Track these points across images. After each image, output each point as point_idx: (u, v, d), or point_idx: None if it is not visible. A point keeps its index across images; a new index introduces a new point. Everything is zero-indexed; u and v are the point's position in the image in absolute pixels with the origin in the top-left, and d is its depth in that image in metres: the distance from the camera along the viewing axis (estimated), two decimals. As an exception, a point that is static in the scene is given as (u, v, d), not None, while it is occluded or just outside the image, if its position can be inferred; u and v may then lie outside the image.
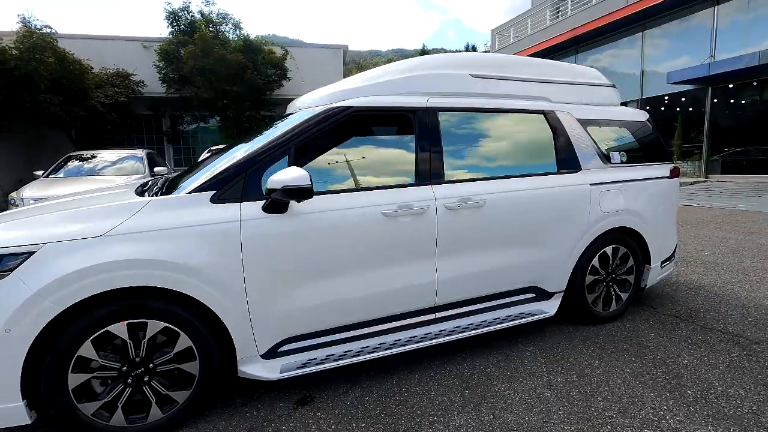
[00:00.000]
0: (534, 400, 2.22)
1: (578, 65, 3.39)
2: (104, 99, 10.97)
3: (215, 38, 11.43)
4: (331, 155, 2.39)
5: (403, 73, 2.63)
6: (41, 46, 9.52)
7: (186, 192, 2.04)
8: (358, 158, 2.45)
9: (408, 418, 2.09)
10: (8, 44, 9.40)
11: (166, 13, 12.02)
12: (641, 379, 2.39)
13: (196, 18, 12.03)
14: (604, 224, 2.96)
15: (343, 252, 2.22)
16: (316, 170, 2.25)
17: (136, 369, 1.91)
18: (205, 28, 11.56)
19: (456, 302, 2.60)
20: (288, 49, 12.70)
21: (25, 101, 9.53)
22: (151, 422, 1.96)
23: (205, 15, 12.18)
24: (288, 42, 14.67)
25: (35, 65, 9.45)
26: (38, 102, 9.59)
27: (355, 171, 2.40)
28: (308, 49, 14.74)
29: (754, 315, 3.21)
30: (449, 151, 2.59)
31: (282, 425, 2.06)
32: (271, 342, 2.16)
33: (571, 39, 16.29)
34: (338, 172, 2.38)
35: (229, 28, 12.20)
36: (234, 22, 12.31)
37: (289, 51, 12.64)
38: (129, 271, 1.80)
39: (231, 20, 12.27)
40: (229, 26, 12.18)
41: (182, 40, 11.61)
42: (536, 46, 18.01)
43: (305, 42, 61.56)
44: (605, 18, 14.58)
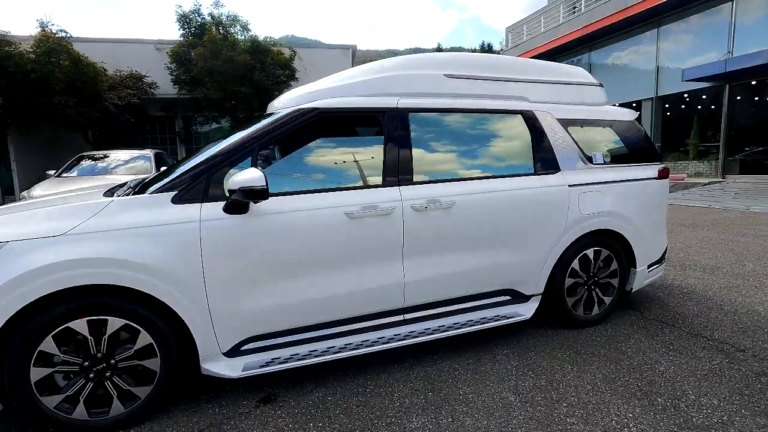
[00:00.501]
0: (497, 404, 2.19)
1: (563, 64, 3.33)
2: (117, 100, 11.27)
3: (224, 40, 11.62)
4: (297, 156, 2.41)
5: (374, 73, 2.63)
6: (56, 49, 9.84)
7: (148, 193, 2.08)
8: (324, 159, 2.47)
9: (366, 419, 2.09)
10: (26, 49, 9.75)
11: (177, 16, 12.28)
12: (612, 386, 2.33)
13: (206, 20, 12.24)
14: (583, 226, 2.90)
15: (306, 253, 2.23)
16: (281, 171, 2.27)
17: (98, 364, 1.96)
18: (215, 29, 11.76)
19: (426, 304, 2.58)
20: (296, 49, 12.82)
21: (41, 103, 9.87)
22: (113, 416, 2.01)
23: (215, 17, 12.38)
24: (309, 43, 14.82)
25: (51, 68, 9.78)
26: (53, 104, 9.93)
27: (320, 172, 2.41)
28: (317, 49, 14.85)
29: (745, 321, 3.09)
30: (420, 152, 2.58)
31: (241, 422, 2.08)
32: (233, 341, 2.19)
33: (585, 36, 15.96)
34: (303, 173, 2.40)
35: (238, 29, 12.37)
36: (242, 23, 12.49)
37: (297, 51, 12.75)
38: (87, 270, 1.85)
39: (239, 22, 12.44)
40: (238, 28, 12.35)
41: (192, 42, 11.84)
42: (549, 44, 17.72)
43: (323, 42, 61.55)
44: (619, 14, 14.24)
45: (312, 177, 2.40)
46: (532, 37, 20.27)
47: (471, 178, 2.65)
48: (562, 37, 16.96)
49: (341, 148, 2.56)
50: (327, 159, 2.47)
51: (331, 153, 2.50)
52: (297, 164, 2.41)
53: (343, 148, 2.56)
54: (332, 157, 2.49)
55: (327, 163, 2.46)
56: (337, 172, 2.46)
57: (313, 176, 2.40)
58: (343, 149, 2.55)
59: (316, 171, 2.42)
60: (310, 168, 2.42)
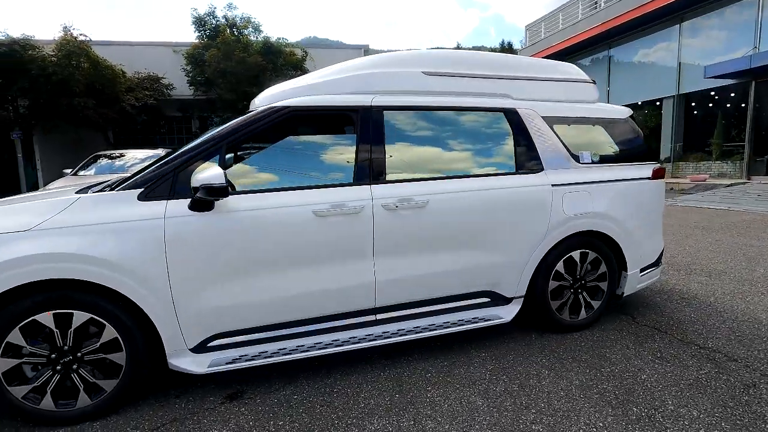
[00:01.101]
0: (463, 408, 2.14)
1: (553, 60, 3.23)
2: (134, 101, 11.60)
3: (237, 41, 11.82)
4: (268, 154, 2.41)
5: (350, 71, 2.61)
6: (76, 52, 10.20)
7: (116, 190, 2.12)
8: (296, 157, 2.46)
9: (327, 419, 2.08)
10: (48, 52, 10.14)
11: (193, 19, 12.55)
12: (587, 393, 2.25)
13: (221, 22, 12.48)
14: (568, 228, 2.80)
15: (272, 250, 2.23)
16: (251, 169, 2.28)
17: (65, 357, 2.00)
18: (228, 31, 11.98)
19: (399, 304, 2.55)
20: (308, 50, 12.93)
21: (62, 105, 10.25)
22: (80, 408, 2.05)
23: (229, 19, 12.61)
24: (330, 43, 14.96)
25: (71, 71, 10.15)
26: (74, 105, 10.30)
27: (291, 170, 2.41)
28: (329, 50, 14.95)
29: (744, 329, 2.94)
30: (395, 150, 2.55)
31: (204, 418, 2.10)
32: (199, 337, 2.20)
33: (603, 33, 15.53)
34: (274, 171, 2.40)
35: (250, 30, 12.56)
36: (254, 25, 12.67)
37: (309, 52, 12.86)
38: (52, 264, 1.89)
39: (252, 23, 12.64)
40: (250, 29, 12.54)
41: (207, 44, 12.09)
42: (566, 41, 17.32)
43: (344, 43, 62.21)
44: (639, 9, 13.79)
45: (282, 175, 2.40)
46: (551, 34, 19.86)
47: (447, 177, 2.60)
48: (580, 34, 16.55)
49: (314, 146, 2.55)
50: (298, 157, 2.47)
51: (304, 151, 2.49)
52: (268, 162, 2.42)
53: (315, 146, 2.55)
54: (304, 155, 2.48)
55: (298, 161, 2.46)
56: (308, 170, 2.45)
57: (284, 174, 2.40)
58: (316, 147, 2.55)
59: (286, 169, 2.42)
60: (281, 166, 2.42)
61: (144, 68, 13.00)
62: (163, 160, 2.23)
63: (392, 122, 2.56)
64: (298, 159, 2.47)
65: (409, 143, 2.63)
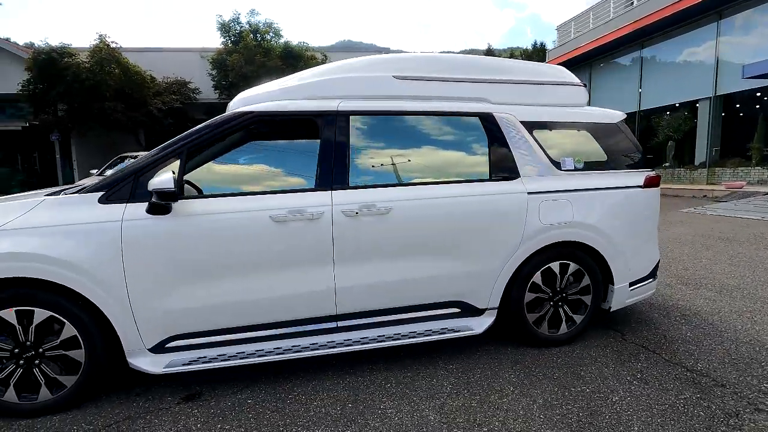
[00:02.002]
0: (413, 422, 2.08)
1: (539, 63, 3.11)
2: (161, 105, 12.11)
3: (258, 46, 12.12)
4: (230, 159, 2.44)
5: (319, 76, 2.61)
6: (107, 59, 10.77)
7: (83, 193, 2.20)
8: (258, 162, 2.48)
9: (274, 425, 2.07)
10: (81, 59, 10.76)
11: (218, 25, 12.98)
12: (548, 413, 2.13)
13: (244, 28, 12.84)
14: (545, 237, 2.68)
15: (229, 255, 2.25)
16: (211, 173, 2.31)
17: (27, 352, 2.09)
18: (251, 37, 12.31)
19: (361, 312, 2.51)
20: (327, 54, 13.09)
21: (94, 108, 10.83)
22: (41, 402, 2.13)
23: (252, 25, 12.96)
24: (364, 47, 15.10)
25: (103, 77, 10.71)
26: (104, 109, 10.86)
27: (253, 175, 2.43)
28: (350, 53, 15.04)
29: (742, 352, 2.70)
30: (361, 156, 2.52)
31: (155, 418, 2.14)
32: (158, 337, 2.25)
33: (636, 31, 14.83)
34: (234, 176, 2.43)
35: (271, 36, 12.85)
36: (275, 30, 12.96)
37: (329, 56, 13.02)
38: (12, 263, 1.99)
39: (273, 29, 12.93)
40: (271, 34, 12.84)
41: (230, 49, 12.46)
42: (596, 41, 16.67)
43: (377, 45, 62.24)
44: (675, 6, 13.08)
45: (244, 180, 2.42)
46: (580, 34, 19.21)
47: (413, 184, 2.55)
48: (611, 33, 15.89)
49: (278, 150, 2.56)
50: (261, 162, 2.48)
51: (267, 156, 2.51)
52: (231, 167, 2.44)
53: (280, 151, 2.56)
54: (267, 160, 2.49)
55: (261, 166, 2.47)
56: (270, 176, 2.46)
57: (245, 179, 2.42)
58: (280, 152, 2.55)
59: (248, 174, 2.43)
60: (244, 171, 2.44)
61: (173, 73, 13.56)
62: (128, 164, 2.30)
63: (359, 127, 2.54)
64: (261, 164, 2.48)
65: (376, 149, 2.59)
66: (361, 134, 2.54)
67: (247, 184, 2.40)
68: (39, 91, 11.48)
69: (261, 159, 2.50)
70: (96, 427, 2.07)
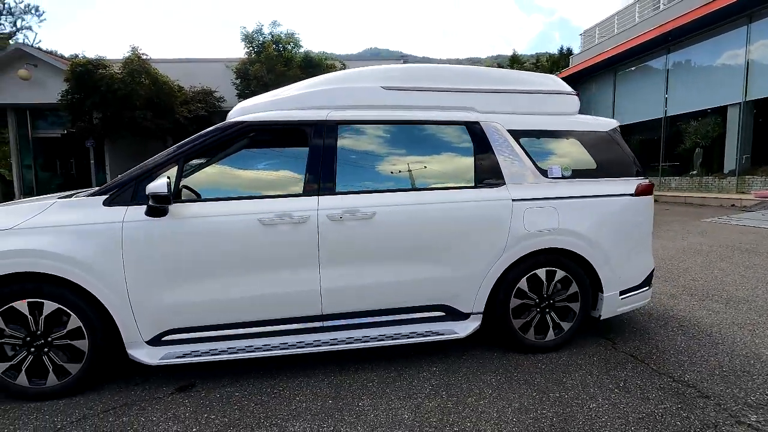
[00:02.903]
0: (387, 420, 2.15)
1: (528, 72, 3.15)
2: (187, 113, 12.66)
3: (279, 56, 12.53)
4: (224, 166, 2.60)
5: (310, 87, 2.76)
6: (138, 70, 11.38)
7: (90, 196, 2.41)
8: (250, 169, 2.63)
9: (255, 417, 2.19)
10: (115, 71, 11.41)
11: (242, 36, 13.51)
12: (521, 417, 2.16)
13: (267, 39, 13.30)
14: (530, 244, 2.71)
15: (219, 255, 2.40)
16: (203, 180, 2.48)
17: (37, 340, 2.30)
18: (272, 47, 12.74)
19: (347, 313, 2.61)
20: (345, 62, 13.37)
21: (125, 117, 11.44)
22: (49, 387, 2.34)
23: (274, 36, 13.40)
24: (389, 54, 15.38)
25: (134, 87, 11.32)
26: (134, 117, 11.46)
27: (245, 181, 2.58)
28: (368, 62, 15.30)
29: (735, 364, 2.64)
30: (348, 163, 2.63)
31: (149, 406, 2.30)
32: (153, 331, 2.42)
33: (662, 36, 14.44)
34: (227, 182, 2.59)
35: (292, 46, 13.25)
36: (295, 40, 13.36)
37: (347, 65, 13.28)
38: (24, 259, 2.20)
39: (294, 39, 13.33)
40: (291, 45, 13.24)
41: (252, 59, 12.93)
42: (620, 46, 16.29)
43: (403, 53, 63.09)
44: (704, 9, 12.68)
45: (236, 185, 2.58)
46: (605, 39, 18.83)
47: (397, 190, 2.64)
48: (636, 38, 15.51)
49: (270, 158, 2.71)
50: (253, 169, 2.64)
51: (259, 163, 2.66)
52: (225, 173, 2.61)
53: (271, 158, 2.71)
54: (258, 167, 2.65)
55: (252, 172, 2.63)
56: (260, 182, 2.61)
57: (237, 184, 2.58)
58: (272, 159, 2.70)
59: (240, 180, 2.59)
60: (236, 177, 2.60)
61: (199, 83, 14.17)
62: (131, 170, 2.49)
63: (347, 136, 2.66)
64: (253, 170, 2.64)
65: (363, 156, 2.70)
66: (349, 142, 2.66)
67: (239, 189, 2.55)
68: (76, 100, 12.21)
69: (254, 165, 2.66)
70: (96, 411, 2.25)
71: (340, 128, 2.64)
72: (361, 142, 2.70)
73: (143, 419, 2.18)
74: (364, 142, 2.71)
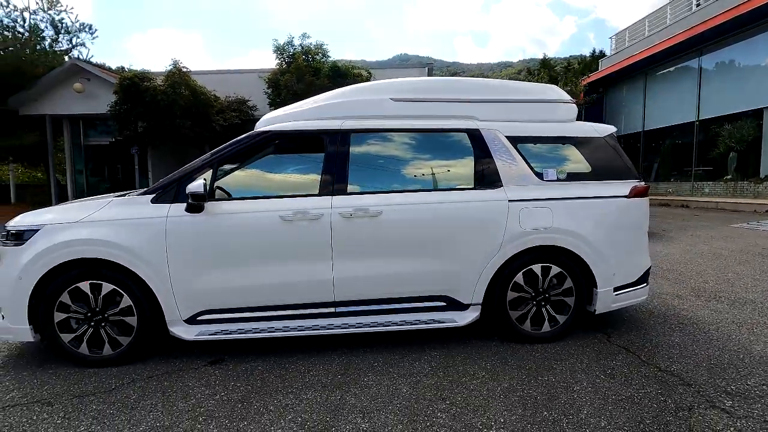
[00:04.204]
0: (387, 392, 2.43)
1: (526, 83, 3.39)
2: (222, 122, 13.43)
3: (308, 66, 13.11)
4: (252, 169, 2.99)
5: (328, 100, 3.12)
6: (179, 82, 12.23)
7: (141, 194, 2.84)
8: (275, 172, 3.01)
9: (274, 386, 2.52)
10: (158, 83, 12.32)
11: (274, 48, 14.22)
12: (508, 395, 2.39)
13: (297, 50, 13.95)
14: (525, 241, 2.94)
15: (245, 247, 2.78)
16: (234, 181, 2.88)
17: (96, 316, 2.74)
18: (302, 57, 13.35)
19: (357, 301, 2.92)
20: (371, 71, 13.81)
21: (166, 126, 12.31)
22: (105, 355, 2.77)
23: (304, 47, 14.03)
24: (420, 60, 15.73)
25: (174, 97, 12.17)
26: (175, 125, 12.30)
27: (270, 182, 2.96)
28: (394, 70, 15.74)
29: (724, 358, 2.77)
30: (359, 167, 2.96)
31: (186, 374, 2.69)
32: (191, 311, 2.81)
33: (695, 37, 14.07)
34: (254, 183, 2.97)
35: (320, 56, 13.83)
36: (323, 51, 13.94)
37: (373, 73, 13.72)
38: (87, 247, 2.65)
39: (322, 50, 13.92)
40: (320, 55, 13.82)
41: (284, 69, 13.58)
42: (651, 49, 15.95)
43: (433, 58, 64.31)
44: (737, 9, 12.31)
45: (261, 186, 2.96)
46: (635, 42, 18.46)
47: (403, 191, 2.94)
48: (668, 40, 15.17)
49: (292, 162, 3.08)
50: (277, 172, 3.02)
51: (281, 167, 3.04)
52: (251, 176, 3.00)
53: (293, 162, 3.08)
54: (282, 170, 3.03)
55: (276, 175, 3.00)
56: (283, 183, 2.98)
57: (263, 185, 2.96)
58: (293, 163, 3.07)
59: (265, 181, 2.97)
60: (262, 179, 2.98)
61: (233, 92, 14.98)
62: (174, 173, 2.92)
63: (359, 143, 2.99)
64: (277, 173, 3.01)
65: (373, 161, 3.02)
66: (360, 149, 2.99)
67: (264, 190, 2.93)
68: (123, 111, 13.21)
69: (277, 169, 3.03)
70: (142, 376, 2.66)
71: (353, 136, 2.97)
72: (371, 148, 3.03)
73: (180, 384, 2.57)
74: (374, 148, 3.03)
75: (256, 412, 2.26)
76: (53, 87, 14.94)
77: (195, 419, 2.21)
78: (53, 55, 17.59)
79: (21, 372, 2.75)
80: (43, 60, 16.48)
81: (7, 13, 16.99)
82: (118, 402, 2.38)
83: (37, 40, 17.58)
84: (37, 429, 2.14)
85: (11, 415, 2.27)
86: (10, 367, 2.83)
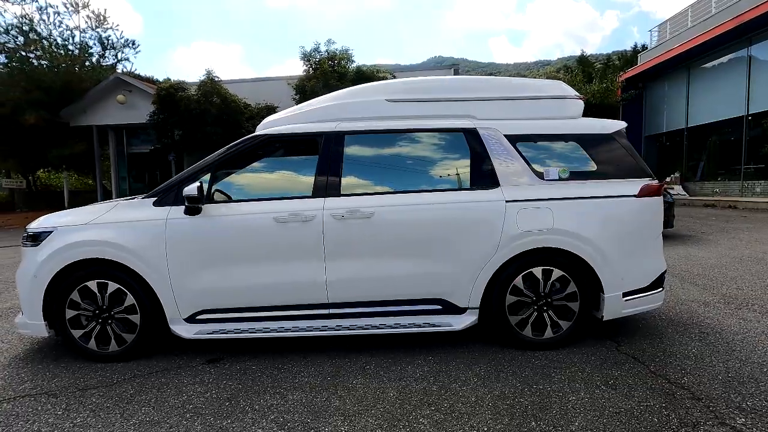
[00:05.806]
0: (374, 394, 2.40)
1: (529, 79, 3.28)
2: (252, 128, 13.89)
3: (333, 71, 13.32)
4: (249, 172, 3.06)
5: (323, 102, 3.15)
6: (211, 91, 12.76)
7: (141, 198, 2.98)
8: (270, 174, 3.06)
9: (264, 385, 2.55)
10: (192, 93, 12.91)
11: (301, 55, 14.56)
12: (498, 403, 2.30)
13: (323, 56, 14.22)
14: (523, 243, 2.82)
15: (241, 248, 2.84)
16: (233, 184, 2.96)
17: (102, 313, 2.89)
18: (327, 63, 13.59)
19: (350, 302, 2.91)
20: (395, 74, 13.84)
21: (199, 134, 12.87)
22: (111, 351, 2.91)
23: (330, 52, 14.28)
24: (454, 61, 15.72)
25: (207, 106, 12.71)
26: (206, 133, 12.84)
27: (266, 185, 3.01)
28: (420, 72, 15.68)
29: (744, 371, 2.53)
30: (354, 169, 2.96)
31: (182, 371, 2.77)
32: (190, 310, 2.90)
33: (742, 25, 13.09)
34: (251, 185, 3.03)
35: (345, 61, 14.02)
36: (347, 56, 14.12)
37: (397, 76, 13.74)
38: (93, 248, 2.79)
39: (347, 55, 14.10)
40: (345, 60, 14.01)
41: (310, 75, 13.87)
42: (695, 40, 15.00)
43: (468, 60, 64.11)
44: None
45: (258, 188, 3.02)
46: (677, 33, 17.42)
47: (396, 192, 2.91)
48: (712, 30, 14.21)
49: (287, 165, 3.12)
50: (272, 174, 3.07)
51: (277, 169, 3.08)
52: (248, 178, 3.06)
53: (288, 165, 3.12)
54: (277, 172, 3.07)
55: (272, 177, 3.05)
56: (278, 185, 3.03)
57: (260, 187, 3.02)
58: (289, 166, 3.11)
59: (262, 183, 3.03)
60: (258, 181, 3.04)
61: (263, 100, 15.46)
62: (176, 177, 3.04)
63: (353, 144, 2.99)
64: (273, 175, 3.06)
65: (367, 162, 3.01)
66: (354, 150, 2.99)
67: (261, 192, 2.99)
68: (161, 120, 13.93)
69: (273, 171, 3.09)
70: (143, 372, 2.77)
71: (347, 138, 2.98)
72: (366, 150, 3.02)
73: (176, 381, 2.65)
74: (368, 150, 3.02)
75: (240, 411, 2.30)
76: (99, 99, 16.01)
77: (182, 416, 2.27)
78: (100, 70, 18.83)
79: (38, 365, 2.94)
80: (91, 74, 17.67)
81: (60, 33, 18.36)
82: (116, 396, 2.49)
83: (86, 56, 18.87)
84: (40, 419, 2.27)
85: (20, 405, 2.42)
86: (29, 360, 3.03)
